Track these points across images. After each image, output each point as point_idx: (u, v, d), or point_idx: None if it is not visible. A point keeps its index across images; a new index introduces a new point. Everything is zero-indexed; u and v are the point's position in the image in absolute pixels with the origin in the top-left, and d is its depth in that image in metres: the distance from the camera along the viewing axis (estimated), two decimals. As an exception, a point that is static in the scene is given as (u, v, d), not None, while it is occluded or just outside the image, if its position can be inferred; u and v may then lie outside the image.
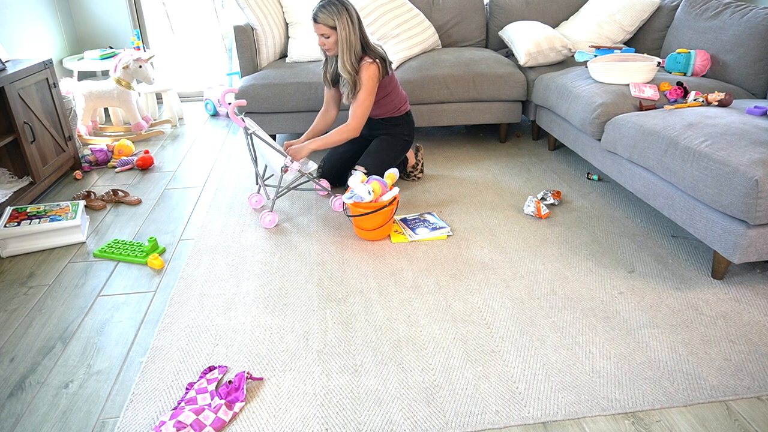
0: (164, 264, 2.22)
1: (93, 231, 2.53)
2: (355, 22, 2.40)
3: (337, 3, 2.36)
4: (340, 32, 2.38)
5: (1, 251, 2.30)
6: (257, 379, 1.58)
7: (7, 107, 2.58)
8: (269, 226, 2.46)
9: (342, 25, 2.36)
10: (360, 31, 2.43)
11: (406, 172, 2.95)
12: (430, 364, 1.62)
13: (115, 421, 1.46)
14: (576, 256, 2.17)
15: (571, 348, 1.67)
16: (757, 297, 1.89)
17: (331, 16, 2.35)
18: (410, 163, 2.93)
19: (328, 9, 2.35)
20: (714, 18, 2.85)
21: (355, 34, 2.40)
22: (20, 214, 2.40)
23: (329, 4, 2.35)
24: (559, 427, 1.40)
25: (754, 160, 1.76)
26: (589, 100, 2.61)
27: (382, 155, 2.66)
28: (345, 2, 2.38)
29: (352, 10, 2.39)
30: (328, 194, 2.75)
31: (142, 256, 2.23)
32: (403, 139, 2.73)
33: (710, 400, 1.46)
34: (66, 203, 2.51)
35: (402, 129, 2.73)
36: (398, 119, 2.71)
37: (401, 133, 2.72)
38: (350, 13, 2.38)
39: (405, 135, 2.74)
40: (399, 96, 2.68)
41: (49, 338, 1.80)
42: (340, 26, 2.36)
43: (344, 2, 2.38)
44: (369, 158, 2.64)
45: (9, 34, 3.23)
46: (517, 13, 3.68)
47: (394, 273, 2.10)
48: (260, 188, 2.72)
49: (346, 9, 2.37)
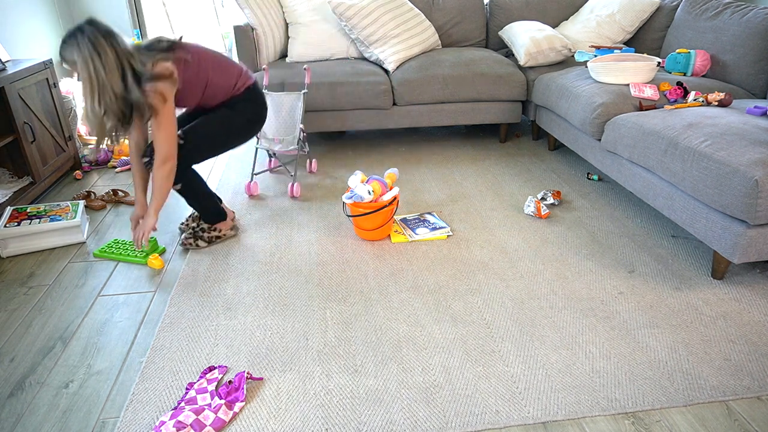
0: (164, 264, 2.22)
1: (93, 231, 2.53)
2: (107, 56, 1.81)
3: (77, 33, 1.81)
4: (81, 71, 1.82)
5: (1, 251, 2.30)
6: (257, 379, 1.58)
7: (7, 107, 2.58)
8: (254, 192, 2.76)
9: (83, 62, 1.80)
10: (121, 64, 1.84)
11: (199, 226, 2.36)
12: (430, 364, 1.62)
13: (115, 421, 1.46)
14: (576, 256, 2.17)
15: (571, 348, 1.67)
16: (757, 297, 1.89)
17: (71, 50, 1.82)
18: (228, 218, 2.38)
19: (68, 42, 1.82)
20: (714, 18, 2.85)
21: (110, 71, 1.82)
22: (20, 214, 2.40)
23: (71, 36, 1.82)
24: (559, 427, 1.40)
25: (754, 160, 1.76)
26: (589, 100, 2.61)
27: (210, 128, 2.16)
28: (88, 30, 1.81)
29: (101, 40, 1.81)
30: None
31: (142, 256, 2.23)
32: (245, 116, 2.24)
33: (710, 400, 1.46)
34: (66, 203, 2.51)
35: (245, 105, 2.24)
36: (238, 97, 2.22)
37: (244, 109, 2.24)
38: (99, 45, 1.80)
39: (249, 113, 2.25)
40: (226, 74, 2.16)
41: (49, 338, 1.80)
42: (81, 63, 1.80)
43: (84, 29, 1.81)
44: (192, 129, 2.15)
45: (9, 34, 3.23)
46: (517, 13, 3.68)
47: (394, 273, 2.10)
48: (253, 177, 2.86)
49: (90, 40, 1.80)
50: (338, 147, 3.54)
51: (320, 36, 3.46)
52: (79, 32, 1.81)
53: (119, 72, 1.84)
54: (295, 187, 2.76)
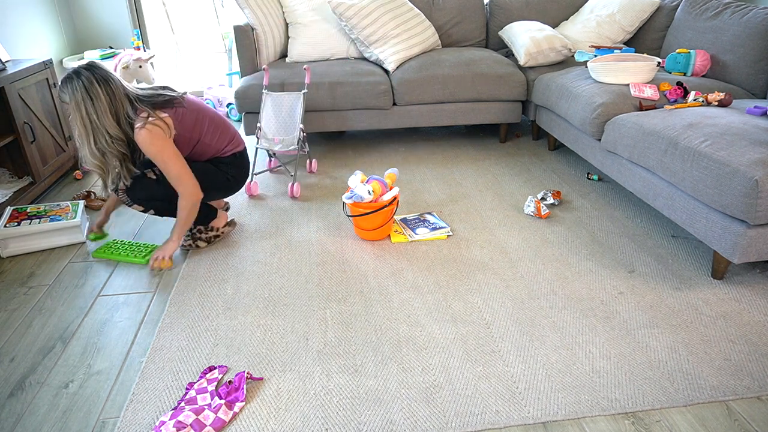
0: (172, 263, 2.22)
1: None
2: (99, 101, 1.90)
3: (73, 76, 1.90)
4: (73, 113, 1.92)
5: (1, 251, 2.30)
6: (257, 379, 1.58)
7: (7, 107, 2.58)
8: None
9: (75, 105, 1.90)
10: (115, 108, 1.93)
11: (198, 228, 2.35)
12: (430, 364, 1.62)
13: (115, 421, 1.46)
14: (576, 256, 2.17)
15: (571, 348, 1.67)
16: (757, 297, 1.89)
17: (65, 92, 1.92)
18: (219, 215, 2.38)
19: (65, 83, 1.92)
20: (714, 18, 2.85)
21: (102, 114, 1.91)
22: (20, 214, 2.40)
23: (68, 78, 1.91)
24: (559, 427, 1.40)
25: (754, 160, 1.76)
26: (589, 100, 2.61)
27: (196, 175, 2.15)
28: (84, 75, 1.90)
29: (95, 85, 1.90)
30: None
31: (142, 257, 2.23)
32: (226, 176, 2.27)
33: (710, 400, 1.46)
34: (66, 203, 2.51)
35: (227, 168, 2.27)
36: (224, 159, 2.26)
37: (226, 170, 2.27)
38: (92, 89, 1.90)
39: (230, 174, 2.29)
40: (219, 137, 2.22)
41: (49, 338, 1.80)
42: (74, 106, 1.90)
43: (81, 74, 1.90)
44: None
45: (9, 34, 3.23)
46: (517, 13, 3.68)
47: (394, 273, 2.10)
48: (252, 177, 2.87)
49: (84, 84, 1.89)
50: (338, 147, 3.54)
51: (320, 36, 3.46)
52: (75, 75, 1.90)
53: (112, 116, 1.93)
54: (295, 187, 2.76)
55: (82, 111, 1.90)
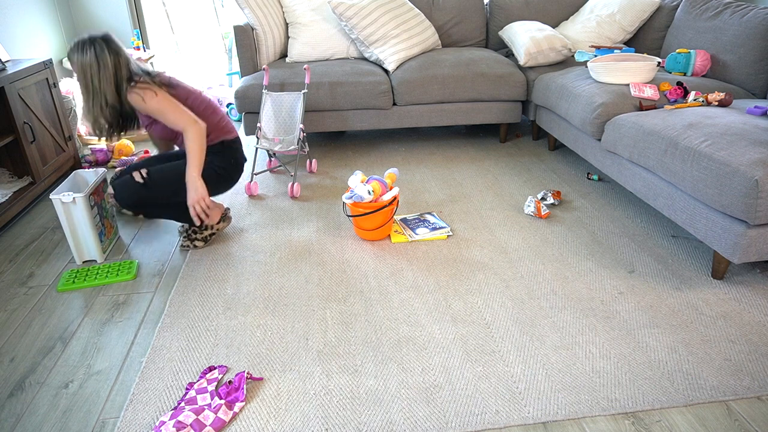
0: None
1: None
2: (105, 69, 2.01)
3: (88, 40, 2.00)
4: (78, 74, 2.02)
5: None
6: (257, 379, 1.58)
7: (7, 107, 2.58)
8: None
9: (81, 67, 2.00)
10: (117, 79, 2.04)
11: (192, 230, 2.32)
12: (430, 364, 1.62)
13: (115, 421, 1.46)
14: (576, 256, 2.17)
15: (571, 348, 1.66)
16: (757, 297, 1.89)
17: (76, 53, 2.01)
18: (211, 221, 2.30)
19: (78, 45, 2.01)
20: (714, 18, 2.85)
21: (105, 81, 2.02)
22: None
23: (82, 42, 2.01)
24: (559, 427, 1.40)
25: (754, 160, 1.76)
26: (589, 100, 2.61)
27: (175, 174, 2.14)
28: (99, 42, 2.01)
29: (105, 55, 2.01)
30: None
31: (113, 275, 2.10)
32: (212, 168, 2.20)
33: (710, 400, 1.46)
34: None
35: (213, 158, 2.20)
36: (210, 148, 2.20)
37: (211, 161, 2.19)
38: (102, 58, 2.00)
39: (217, 166, 2.22)
40: (208, 117, 2.20)
41: (49, 338, 1.80)
42: (80, 68, 2.01)
43: (96, 40, 2.01)
44: (158, 171, 2.15)
45: (9, 34, 3.23)
46: (517, 13, 3.68)
47: (394, 273, 2.10)
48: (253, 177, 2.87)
49: (96, 52, 1.99)
50: (338, 147, 3.54)
51: (320, 36, 3.46)
52: (89, 41, 2.01)
53: (114, 86, 2.05)
54: (295, 187, 2.76)
55: (88, 75, 2.02)
